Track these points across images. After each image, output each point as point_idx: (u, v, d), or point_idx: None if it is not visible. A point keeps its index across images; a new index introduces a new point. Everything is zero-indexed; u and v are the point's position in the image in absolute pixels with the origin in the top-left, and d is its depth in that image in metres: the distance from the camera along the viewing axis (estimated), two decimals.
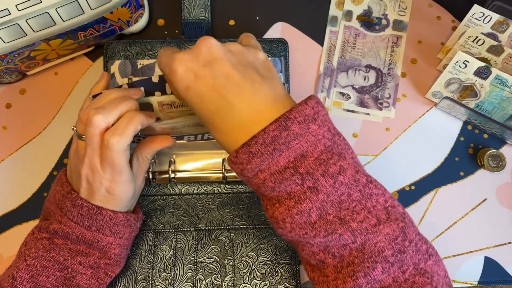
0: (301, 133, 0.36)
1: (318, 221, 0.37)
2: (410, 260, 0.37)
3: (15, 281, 0.41)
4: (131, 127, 0.41)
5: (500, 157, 0.56)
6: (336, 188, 0.36)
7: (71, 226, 0.43)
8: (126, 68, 0.55)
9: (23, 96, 0.58)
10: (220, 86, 0.37)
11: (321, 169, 0.36)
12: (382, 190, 0.39)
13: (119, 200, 0.44)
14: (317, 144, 0.37)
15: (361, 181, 0.38)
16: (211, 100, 0.38)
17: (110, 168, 0.42)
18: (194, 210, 0.53)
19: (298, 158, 0.36)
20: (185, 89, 0.38)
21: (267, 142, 0.36)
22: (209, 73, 0.38)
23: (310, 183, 0.36)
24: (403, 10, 0.63)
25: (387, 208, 0.38)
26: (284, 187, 0.37)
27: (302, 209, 0.36)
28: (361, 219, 0.37)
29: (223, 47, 0.39)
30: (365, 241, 0.36)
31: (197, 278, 0.50)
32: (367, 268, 0.36)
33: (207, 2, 0.58)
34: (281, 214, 0.37)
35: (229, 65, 0.38)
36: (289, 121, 0.36)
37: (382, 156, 0.58)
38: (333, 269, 0.37)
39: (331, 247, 0.37)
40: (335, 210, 0.37)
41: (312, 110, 0.37)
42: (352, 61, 0.61)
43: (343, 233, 0.36)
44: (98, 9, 0.50)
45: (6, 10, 0.44)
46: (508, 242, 0.55)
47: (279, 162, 0.36)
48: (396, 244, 0.37)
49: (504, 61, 0.55)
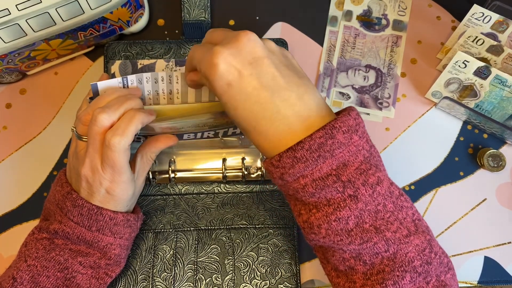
0: (344, 142, 0.37)
1: (354, 228, 0.37)
2: (434, 271, 0.38)
3: (16, 281, 0.41)
4: (132, 127, 0.41)
5: (500, 157, 0.56)
6: (374, 198, 0.37)
7: (71, 226, 0.43)
8: (126, 68, 0.55)
9: (23, 96, 0.58)
10: (267, 87, 0.37)
11: (361, 178, 0.37)
12: (411, 203, 0.40)
13: (119, 200, 0.44)
14: (357, 154, 0.37)
15: (395, 193, 0.39)
16: (256, 101, 0.37)
17: (111, 169, 0.41)
18: (194, 210, 0.53)
19: (340, 167, 0.37)
20: (227, 86, 0.37)
21: (313, 148, 0.36)
22: (255, 72, 0.37)
23: (351, 191, 0.37)
24: (403, 10, 0.63)
25: (414, 220, 0.39)
26: (324, 193, 0.37)
27: (340, 216, 0.37)
28: (395, 229, 0.37)
29: (264, 44, 0.38)
30: (397, 250, 0.37)
31: (197, 278, 0.50)
32: (397, 276, 0.37)
33: (207, 3, 0.58)
34: (317, 220, 0.38)
35: (274, 65, 0.37)
36: (335, 130, 0.36)
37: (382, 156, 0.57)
38: (362, 276, 0.38)
39: (363, 255, 0.38)
40: (371, 219, 0.37)
41: (354, 121, 0.38)
42: (352, 61, 0.61)
43: (377, 242, 0.37)
44: (98, 9, 0.50)
45: (6, 10, 0.44)
46: (508, 242, 0.55)
47: (322, 169, 0.37)
48: (424, 255, 0.38)
49: (503, 61, 0.55)
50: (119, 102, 0.42)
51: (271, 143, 0.38)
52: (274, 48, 0.39)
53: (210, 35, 0.42)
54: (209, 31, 0.42)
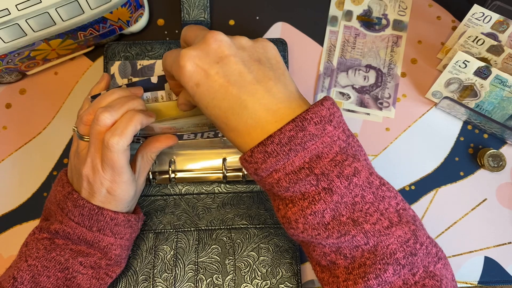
0: (317, 134, 0.36)
1: (331, 222, 0.36)
2: (421, 262, 0.37)
3: (16, 281, 0.41)
4: (131, 127, 0.41)
5: (500, 157, 0.56)
6: (350, 190, 0.36)
7: (72, 227, 0.43)
8: (126, 69, 0.55)
9: (23, 96, 0.58)
10: (233, 84, 0.37)
11: (336, 170, 0.36)
12: (394, 193, 0.39)
13: (119, 200, 0.44)
14: (332, 145, 0.37)
15: (374, 183, 0.38)
16: (223, 98, 0.37)
17: (110, 169, 0.41)
18: (194, 210, 0.53)
19: (313, 159, 0.36)
20: (195, 86, 0.38)
21: (283, 142, 0.36)
22: (221, 70, 0.37)
23: (325, 184, 0.36)
24: (403, 10, 0.63)
25: (398, 210, 0.38)
26: (298, 187, 0.37)
27: (316, 209, 0.36)
28: (374, 221, 0.37)
29: (233, 42, 0.38)
30: (377, 243, 0.36)
31: (198, 278, 0.50)
32: (378, 269, 0.36)
33: (206, 3, 0.58)
34: (294, 215, 0.37)
35: (241, 62, 0.37)
36: (306, 121, 0.36)
37: (382, 156, 0.58)
38: (344, 270, 0.37)
39: (343, 248, 0.37)
40: (348, 211, 0.37)
41: (328, 111, 0.37)
42: (352, 61, 0.61)
43: (356, 235, 0.36)
44: (98, 9, 0.50)
45: (6, 10, 0.44)
46: (508, 242, 0.55)
47: (294, 162, 0.36)
48: (407, 246, 0.37)
49: (504, 61, 0.56)
50: (121, 102, 0.42)
51: (243, 139, 0.38)
52: (245, 44, 0.39)
53: (184, 34, 0.43)
54: (184, 28, 0.43)
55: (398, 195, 0.39)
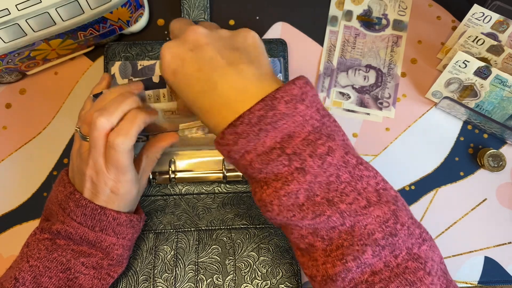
0: (288, 113, 0.35)
1: (305, 202, 0.36)
2: (403, 244, 0.36)
3: (18, 282, 0.41)
4: (135, 127, 0.41)
5: (500, 157, 0.56)
6: (324, 169, 0.35)
7: (74, 227, 0.43)
8: (126, 69, 0.55)
9: (23, 96, 0.58)
10: (205, 67, 0.37)
11: (308, 149, 0.35)
12: (374, 172, 0.38)
13: (123, 200, 0.44)
14: (304, 124, 0.36)
15: (350, 162, 0.36)
16: (196, 82, 0.38)
17: (115, 169, 0.42)
18: (194, 210, 0.53)
19: (285, 139, 0.35)
20: (173, 73, 0.39)
21: (253, 122, 0.35)
22: (195, 56, 0.38)
23: (298, 164, 0.35)
24: (403, 10, 0.63)
25: (378, 190, 0.37)
26: (271, 168, 0.36)
27: (289, 190, 0.35)
28: (350, 201, 0.36)
29: (210, 33, 0.39)
30: (354, 223, 0.35)
31: (198, 278, 0.50)
32: (356, 251, 0.35)
33: (207, 4, 0.58)
34: (268, 196, 0.36)
35: (215, 49, 0.38)
36: (276, 100, 0.35)
37: (382, 156, 0.58)
38: (322, 253, 0.36)
39: (320, 230, 0.36)
40: (323, 191, 0.36)
41: (300, 90, 0.36)
42: (352, 61, 0.61)
43: (331, 215, 0.35)
44: (98, 9, 0.50)
45: (6, 10, 0.44)
46: (508, 242, 0.55)
47: (265, 142, 0.36)
48: (387, 227, 0.36)
49: (504, 61, 0.56)
50: (116, 103, 0.42)
51: (215, 119, 0.38)
52: (224, 35, 0.40)
53: (171, 28, 0.44)
54: (172, 22, 0.44)
55: (379, 175, 0.38)
